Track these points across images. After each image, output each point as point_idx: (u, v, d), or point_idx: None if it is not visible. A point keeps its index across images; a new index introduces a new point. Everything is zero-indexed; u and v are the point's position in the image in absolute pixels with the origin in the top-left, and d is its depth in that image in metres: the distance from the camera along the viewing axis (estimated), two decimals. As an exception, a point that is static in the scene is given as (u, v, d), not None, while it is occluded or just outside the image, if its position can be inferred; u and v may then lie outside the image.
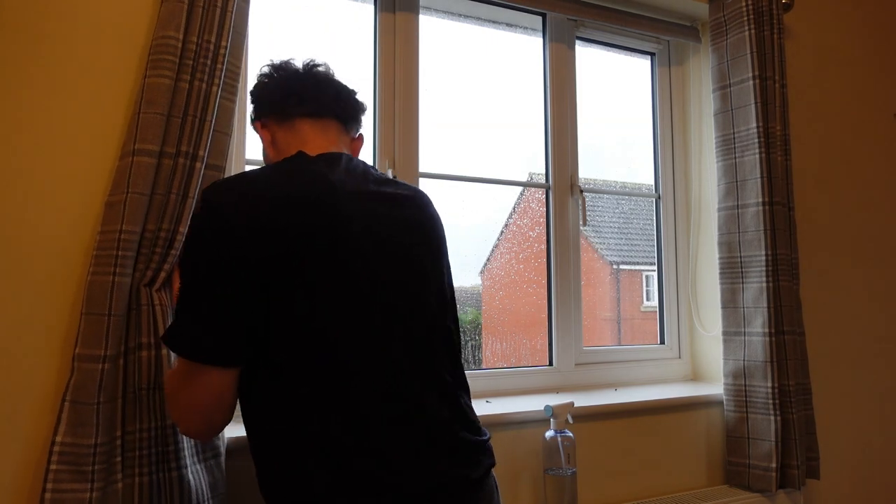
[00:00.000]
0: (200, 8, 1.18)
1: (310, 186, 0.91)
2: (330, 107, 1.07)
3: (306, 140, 1.05)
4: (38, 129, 1.15)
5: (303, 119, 1.06)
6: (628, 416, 1.65)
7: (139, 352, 1.11)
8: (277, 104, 1.07)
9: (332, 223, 0.89)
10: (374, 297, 0.91)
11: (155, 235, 1.14)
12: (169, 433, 1.11)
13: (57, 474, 1.03)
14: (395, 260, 0.96)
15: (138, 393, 1.10)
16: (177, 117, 1.16)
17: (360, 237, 0.92)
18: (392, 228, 0.97)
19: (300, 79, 1.09)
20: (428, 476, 0.89)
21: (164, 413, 1.11)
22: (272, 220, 0.86)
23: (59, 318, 1.14)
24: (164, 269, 1.15)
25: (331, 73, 1.13)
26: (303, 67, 1.11)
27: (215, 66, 1.19)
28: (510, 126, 1.86)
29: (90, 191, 1.18)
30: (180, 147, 1.16)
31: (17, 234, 1.13)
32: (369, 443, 0.86)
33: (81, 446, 1.04)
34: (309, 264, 0.86)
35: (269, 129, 1.09)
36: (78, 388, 1.05)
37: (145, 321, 1.12)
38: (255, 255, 0.84)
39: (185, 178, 1.16)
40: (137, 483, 1.08)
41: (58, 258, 1.15)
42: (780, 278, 1.72)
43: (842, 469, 2.03)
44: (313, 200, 0.89)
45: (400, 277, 0.95)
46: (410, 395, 0.92)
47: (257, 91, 1.12)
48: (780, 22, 1.83)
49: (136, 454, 1.09)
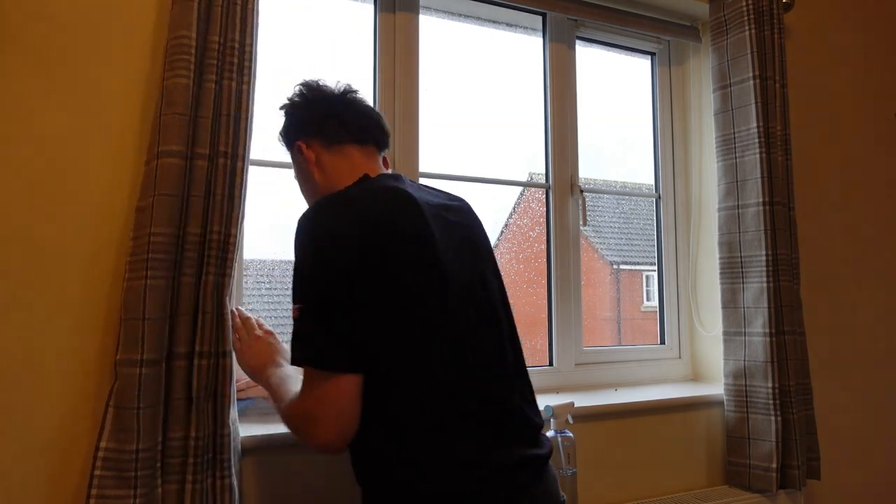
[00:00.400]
0: (219, 7, 1.18)
1: (402, 204, 0.99)
2: (373, 135, 1.17)
3: (356, 165, 1.13)
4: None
5: (352, 145, 1.15)
6: (628, 417, 1.65)
7: (199, 359, 1.10)
8: (327, 129, 1.14)
9: (425, 235, 0.98)
10: (468, 298, 1.02)
11: (203, 238, 1.13)
12: (225, 441, 1.11)
13: (101, 480, 1.04)
14: (472, 261, 1.07)
15: (195, 399, 1.09)
16: (205, 117, 1.15)
17: (446, 246, 1.01)
18: (462, 233, 1.09)
19: (346, 105, 1.17)
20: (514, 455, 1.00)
21: (221, 420, 1.11)
22: (378, 236, 0.93)
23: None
24: (228, 273, 1.13)
25: (365, 100, 1.21)
26: (342, 92, 1.18)
27: (243, 64, 1.19)
28: (510, 126, 1.86)
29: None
30: (217, 147, 1.15)
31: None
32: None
33: (124, 452, 1.04)
34: (413, 276, 0.94)
35: (313, 150, 1.15)
36: (119, 393, 1.06)
37: (209, 328, 1.11)
38: (367, 269, 0.92)
39: (227, 178, 1.15)
40: (189, 490, 1.08)
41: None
42: (781, 278, 1.72)
43: (842, 469, 2.03)
44: (409, 217, 0.98)
45: (480, 277, 1.07)
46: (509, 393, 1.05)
47: (300, 112, 1.17)
48: (780, 22, 1.83)
49: (192, 460, 1.08)
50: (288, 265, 1.54)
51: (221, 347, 1.13)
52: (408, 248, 0.95)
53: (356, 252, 0.92)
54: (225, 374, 1.12)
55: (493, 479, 0.96)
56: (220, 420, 1.11)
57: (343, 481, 1.31)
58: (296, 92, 1.20)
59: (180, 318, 1.11)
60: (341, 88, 1.19)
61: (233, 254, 1.15)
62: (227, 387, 1.12)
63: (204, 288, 1.12)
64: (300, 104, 1.18)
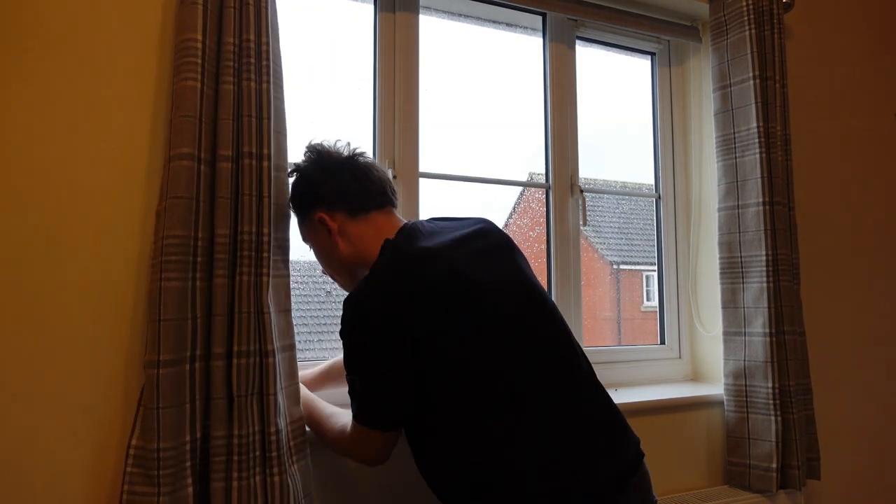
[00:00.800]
0: (232, 9, 1.17)
1: (432, 269, 1.06)
2: (388, 197, 1.24)
3: (380, 229, 1.19)
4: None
5: (375, 212, 1.21)
6: (628, 417, 1.65)
7: (238, 358, 1.11)
8: (351, 200, 1.20)
9: (459, 284, 1.06)
10: (515, 328, 1.08)
11: (232, 239, 1.14)
12: (272, 439, 1.12)
13: (131, 476, 1.07)
14: (512, 286, 1.13)
15: (236, 398, 1.10)
16: (226, 119, 1.15)
17: (479, 281, 1.08)
18: (491, 256, 1.14)
19: (364, 172, 1.22)
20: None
21: (267, 419, 1.12)
22: (416, 311, 1.03)
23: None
24: (265, 273, 1.14)
25: (370, 159, 1.26)
26: (354, 157, 1.24)
27: (261, 64, 1.19)
28: (510, 126, 1.86)
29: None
30: (241, 148, 1.15)
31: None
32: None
33: (148, 450, 1.06)
34: (454, 327, 1.04)
35: (336, 221, 1.20)
36: (145, 393, 1.08)
37: (245, 328, 1.11)
38: (409, 337, 1.03)
39: (255, 178, 1.15)
40: (236, 487, 1.09)
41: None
42: (781, 278, 1.72)
43: (842, 469, 2.03)
44: (442, 278, 1.06)
45: (528, 291, 1.14)
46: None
47: (317, 182, 1.21)
48: (780, 22, 1.83)
49: (236, 458, 1.09)
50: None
51: (263, 346, 1.13)
52: (448, 313, 1.04)
53: (399, 332, 1.03)
54: (269, 372, 1.12)
55: None
56: (267, 418, 1.12)
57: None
58: (307, 159, 1.23)
59: (216, 318, 1.12)
60: (352, 151, 1.24)
61: (268, 253, 1.15)
62: (271, 386, 1.13)
63: (239, 288, 1.12)
64: (316, 175, 1.21)
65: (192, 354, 1.11)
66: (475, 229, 1.20)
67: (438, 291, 1.04)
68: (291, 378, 1.22)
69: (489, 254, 1.15)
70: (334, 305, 1.61)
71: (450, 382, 1.04)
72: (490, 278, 1.10)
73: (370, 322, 1.04)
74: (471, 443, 1.03)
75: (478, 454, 1.02)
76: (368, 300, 1.04)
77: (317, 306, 1.60)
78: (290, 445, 1.17)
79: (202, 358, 1.13)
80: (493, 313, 1.07)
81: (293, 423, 1.19)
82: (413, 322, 1.02)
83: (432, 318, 1.03)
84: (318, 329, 1.58)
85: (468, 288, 1.06)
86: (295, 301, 1.31)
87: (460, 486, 1.05)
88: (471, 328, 1.04)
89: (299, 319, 1.55)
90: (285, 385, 1.20)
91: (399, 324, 1.02)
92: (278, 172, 1.22)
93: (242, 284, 1.12)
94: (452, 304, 1.05)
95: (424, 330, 1.03)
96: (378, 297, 1.04)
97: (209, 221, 1.14)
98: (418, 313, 1.03)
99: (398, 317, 1.02)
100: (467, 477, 1.04)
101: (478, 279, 1.08)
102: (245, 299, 1.12)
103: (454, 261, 1.08)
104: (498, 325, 1.06)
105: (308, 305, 1.59)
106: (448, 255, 1.09)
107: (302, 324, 1.56)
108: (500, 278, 1.12)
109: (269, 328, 1.13)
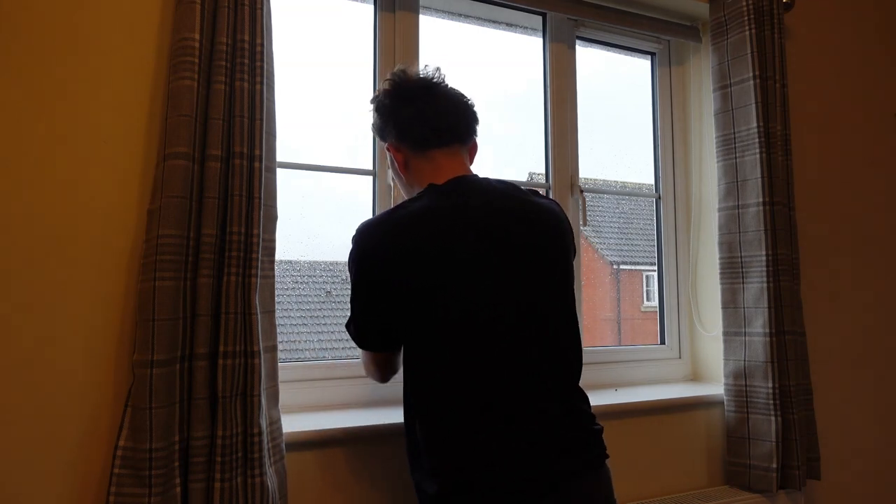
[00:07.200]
0: (226, 9, 1.17)
1: (425, 229, 1.07)
2: (457, 133, 1.21)
3: (440, 167, 1.19)
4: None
5: (437, 150, 1.20)
6: (628, 417, 1.65)
7: (224, 359, 1.10)
8: (414, 135, 1.20)
9: (441, 254, 1.06)
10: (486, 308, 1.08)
11: (221, 239, 1.13)
12: (256, 441, 1.11)
13: (119, 478, 1.05)
14: (498, 287, 1.09)
15: (221, 399, 1.10)
16: (216, 119, 1.14)
17: (486, 248, 1.08)
18: (501, 251, 1.10)
19: (433, 104, 1.20)
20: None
21: (250, 420, 1.11)
22: (400, 259, 1.06)
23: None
24: (254, 273, 1.13)
25: (451, 88, 1.24)
26: (428, 87, 1.22)
27: (255, 65, 1.19)
28: (510, 126, 1.86)
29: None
30: (232, 148, 1.15)
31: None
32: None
33: (139, 451, 1.05)
34: (425, 290, 1.06)
35: (402, 153, 1.22)
36: (135, 393, 1.07)
37: (232, 329, 1.11)
38: (393, 283, 1.07)
39: (245, 179, 1.15)
40: (218, 488, 1.08)
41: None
42: (781, 278, 1.72)
43: (842, 469, 2.03)
44: (429, 239, 1.07)
45: (517, 285, 1.11)
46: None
47: (387, 113, 1.22)
48: (780, 22, 1.83)
49: (219, 459, 1.09)
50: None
51: (250, 347, 1.12)
52: (422, 269, 1.06)
53: (384, 270, 1.07)
54: (254, 374, 1.12)
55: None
56: (250, 420, 1.11)
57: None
58: (384, 87, 1.24)
59: (199, 318, 1.11)
60: (428, 76, 1.23)
61: (257, 254, 1.14)
62: (256, 387, 1.12)
63: (227, 288, 1.12)
64: (387, 105, 1.23)
65: (182, 354, 1.11)
66: (518, 215, 1.13)
67: (422, 252, 1.06)
68: (272, 379, 1.21)
69: (501, 247, 1.09)
70: (334, 305, 1.61)
71: (415, 333, 1.08)
72: (479, 267, 1.07)
73: (357, 260, 1.11)
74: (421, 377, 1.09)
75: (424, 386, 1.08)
76: (363, 240, 1.11)
77: (317, 306, 1.60)
78: (269, 447, 1.17)
79: (189, 358, 1.12)
80: (462, 297, 1.06)
81: (272, 424, 1.19)
82: (392, 276, 1.07)
83: (413, 275, 1.06)
84: (318, 329, 1.58)
85: (451, 268, 1.06)
86: (295, 301, 1.31)
87: (410, 409, 1.13)
88: (441, 303, 1.06)
89: (299, 319, 1.55)
90: (266, 386, 1.19)
91: (380, 272, 1.08)
92: (268, 174, 1.22)
93: (230, 285, 1.12)
94: (431, 271, 1.05)
95: (405, 285, 1.06)
96: (370, 239, 1.10)
97: (199, 221, 1.14)
98: (399, 269, 1.06)
99: (380, 266, 1.08)
100: (413, 402, 1.11)
101: (466, 258, 1.06)
102: (233, 300, 1.12)
103: (453, 237, 1.07)
104: (463, 317, 1.06)
105: (308, 305, 1.59)
106: (450, 227, 1.08)
107: (302, 324, 1.56)
108: (494, 276, 1.08)
109: (256, 329, 1.13)
